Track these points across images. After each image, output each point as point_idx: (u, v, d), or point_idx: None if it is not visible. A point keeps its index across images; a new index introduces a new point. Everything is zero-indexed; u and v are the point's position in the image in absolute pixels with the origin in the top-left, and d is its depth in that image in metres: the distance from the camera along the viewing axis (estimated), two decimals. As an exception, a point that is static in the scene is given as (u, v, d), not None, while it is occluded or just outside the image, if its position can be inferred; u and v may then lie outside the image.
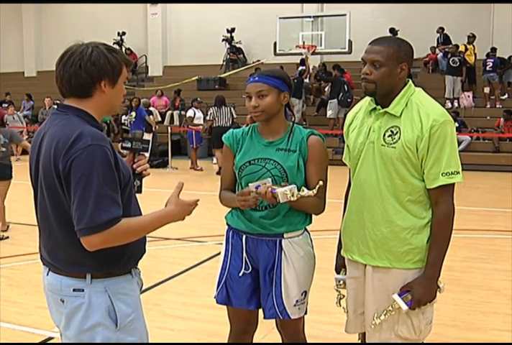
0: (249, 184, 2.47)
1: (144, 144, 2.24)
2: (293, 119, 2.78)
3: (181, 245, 6.50)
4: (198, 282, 5.08)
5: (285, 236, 2.63)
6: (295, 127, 2.67)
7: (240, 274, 2.68)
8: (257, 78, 2.57)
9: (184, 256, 6.05)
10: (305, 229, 2.71)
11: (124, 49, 20.98)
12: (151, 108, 14.88)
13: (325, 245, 2.99)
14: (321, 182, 2.45)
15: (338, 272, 2.75)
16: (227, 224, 2.78)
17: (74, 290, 1.99)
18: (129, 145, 2.21)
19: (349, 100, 14.81)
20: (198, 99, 14.28)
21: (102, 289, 2.00)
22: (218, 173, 12.65)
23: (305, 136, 2.62)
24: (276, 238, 2.63)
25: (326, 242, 3.15)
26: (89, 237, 1.87)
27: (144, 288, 5.01)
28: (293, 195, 2.40)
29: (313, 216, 2.71)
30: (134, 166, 2.21)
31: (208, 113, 13.13)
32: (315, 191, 2.43)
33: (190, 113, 14.02)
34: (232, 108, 13.07)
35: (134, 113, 13.57)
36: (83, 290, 1.99)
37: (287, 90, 2.60)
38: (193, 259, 5.81)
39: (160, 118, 15.56)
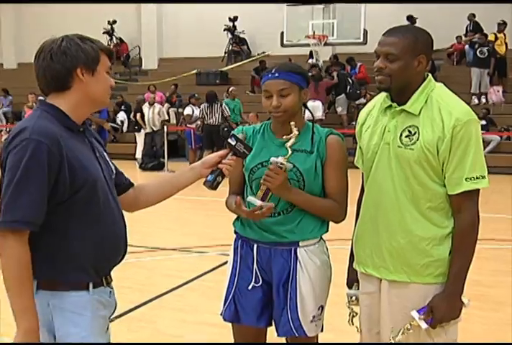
0: (250, 197, 2.52)
1: (246, 149, 2.39)
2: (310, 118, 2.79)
3: (179, 256, 6.52)
4: (198, 297, 5.09)
5: (300, 244, 2.65)
6: (314, 126, 2.69)
7: (250, 287, 2.69)
8: (277, 74, 2.58)
9: (182, 268, 6.05)
10: (321, 237, 2.73)
11: (114, 39, 21.04)
12: (156, 105, 14.84)
13: (337, 256, 2.99)
14: (295, 132, 2.49)
15: (350, 287, 2.75)
16: (235, 232, 2.80)
17: None
18: (233, 143, 2.38)
19: (358, 91, 15.01)
20: (196, 95, 14.29)
21: (45, 303, 2.01)
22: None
23: (324, 136, 2.65)
24: (291, 247, 2.65)
25: (338, 253, 3.15)
26: None
27: (137, 304, 5.01)
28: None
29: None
30: (223, 161, 2.36)
31: (199, 111, 13.22)
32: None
33: (188, 110, 14.04)
34: (224, 105, 13.08)
35: None
36: None
37: (307, 87, 2.64)
38: (192, 272, 5.82)
39: (166, 117, 15.50)
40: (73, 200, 2.01)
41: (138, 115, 14.66)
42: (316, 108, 14.34)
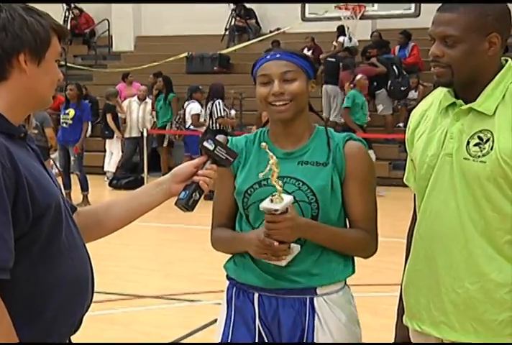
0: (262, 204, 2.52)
1: (229, 155, 2.38)
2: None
3: (163, 306, 6.52)
4: (187, 363, 5.10)
5: (318, 291, 2.65)
6: (327, 130, 2.72)
7: None
8: (278, 55, 2.65)
9: (167, 322, 6.06)
10: (345, 282, 2.74)
11: (73, 9, 21.11)
12: (148, 101, 14.91)
13: (379, 307, 2.98)
14: (274, 158, 2.47)
15: (399, 350, 2.75)
16: (228, 278, 2.80)
17: None
18: (211, 147, 2.36)
19: (402, 88, 14.70)
20: (201, 88, 14.19)
21: None
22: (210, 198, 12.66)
23: (341, 142, 2.67)
24: (305, 296, 2.65)
25: (379, 303, 3.15)
26: None
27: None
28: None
29: (357, 263, 2.72)
30: (199, 172, 2.33)
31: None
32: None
33: (196, 108, 13.84)
34: (218, 102, 13.15)
35: (72, 111, 12.17)
36: None
37: (313, 79, 2.69)
38: (180, 328, 5.82)
39: None
40: (37, 231, 1.96)
41: (109, 116, 14.58)
42: None
